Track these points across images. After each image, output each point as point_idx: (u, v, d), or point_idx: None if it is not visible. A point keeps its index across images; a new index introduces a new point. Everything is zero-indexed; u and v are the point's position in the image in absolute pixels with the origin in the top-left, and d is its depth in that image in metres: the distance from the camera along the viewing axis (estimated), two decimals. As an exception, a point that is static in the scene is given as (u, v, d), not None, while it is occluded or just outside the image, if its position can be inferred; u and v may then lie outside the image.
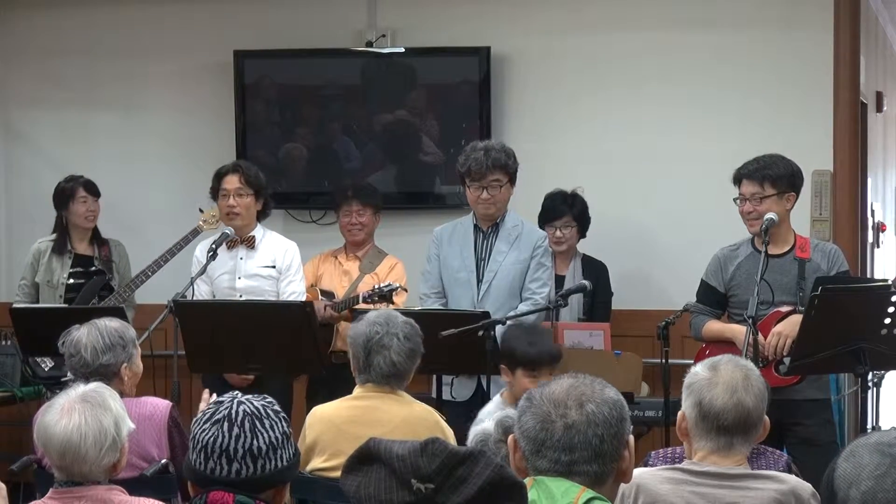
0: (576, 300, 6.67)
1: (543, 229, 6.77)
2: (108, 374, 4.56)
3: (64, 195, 7.10)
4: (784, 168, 5.79)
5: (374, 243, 7.03)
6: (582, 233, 7.00)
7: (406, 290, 6.60)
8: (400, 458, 2.30)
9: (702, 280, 5.98)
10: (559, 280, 6.80)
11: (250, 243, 6.56)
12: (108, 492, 3.56)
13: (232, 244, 6.53)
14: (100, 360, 4.57)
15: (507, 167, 6.14)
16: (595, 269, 6.95)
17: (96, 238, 7.15)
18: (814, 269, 5.72)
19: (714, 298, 5.89)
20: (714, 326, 5.86)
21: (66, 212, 7.08)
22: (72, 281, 7.02)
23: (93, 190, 7.13)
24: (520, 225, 6.24)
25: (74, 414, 3.54)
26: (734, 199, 5.84)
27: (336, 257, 7.01)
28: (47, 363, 6.83)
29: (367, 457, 2.36)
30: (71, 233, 7.10)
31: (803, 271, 5.71)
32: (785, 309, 5.66)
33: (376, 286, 6.52)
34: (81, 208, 7.07)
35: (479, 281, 6.16)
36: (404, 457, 2.30)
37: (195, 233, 6.90)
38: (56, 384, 6.70)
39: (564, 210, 6.91)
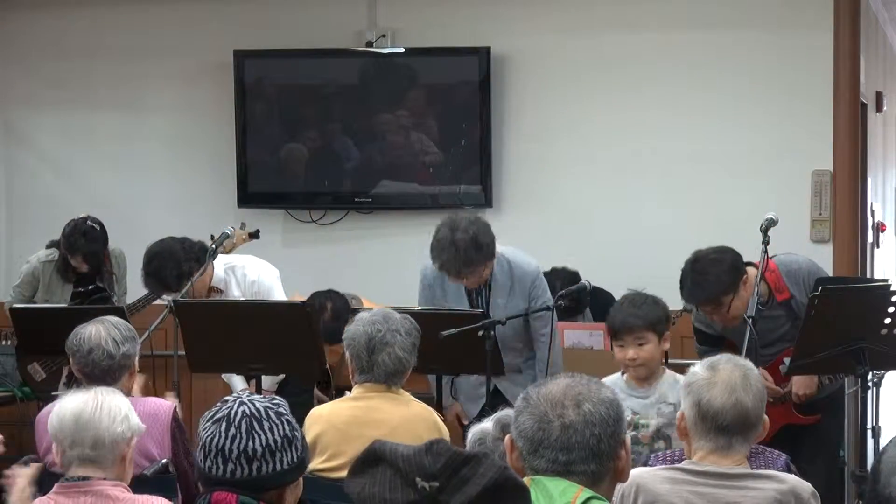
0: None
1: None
2: (126, 367, 4.63)
3: (65, 246, 6.98)
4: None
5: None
6: (580, 310, 6.75)
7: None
8: (405, 458, 2.31)
9: (694, 326, 5.78)
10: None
11: (217, 292, 6.37)
12: (113, 487, 3.62)
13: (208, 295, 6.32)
14: (121, 350, 4.61)
15: (479, 261, 5.69)
16: (604, 304, 6.78)
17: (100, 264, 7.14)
18: (798, 304, 5.51)
19: (713, 339, 5.69)
20: None
21: (66, 254, 7.03)
22: (74, 302, 7.02)
23: (91, 260, 6.97)
24: (508, 273, 5.92)
25: (89, 394, 3.68)
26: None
27: None
28: (41, 373, 6.84)
29: (373, 459, 2.36)
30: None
31: (793, 313, 5.54)
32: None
33: None
34: (73, 264, 7.01)
35: None
36: (409, 457, 2.31)
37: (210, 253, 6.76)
38: (48, 398, 6.73)
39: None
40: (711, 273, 5.39)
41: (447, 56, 7.67)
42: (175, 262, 6.05)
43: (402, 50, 7.76)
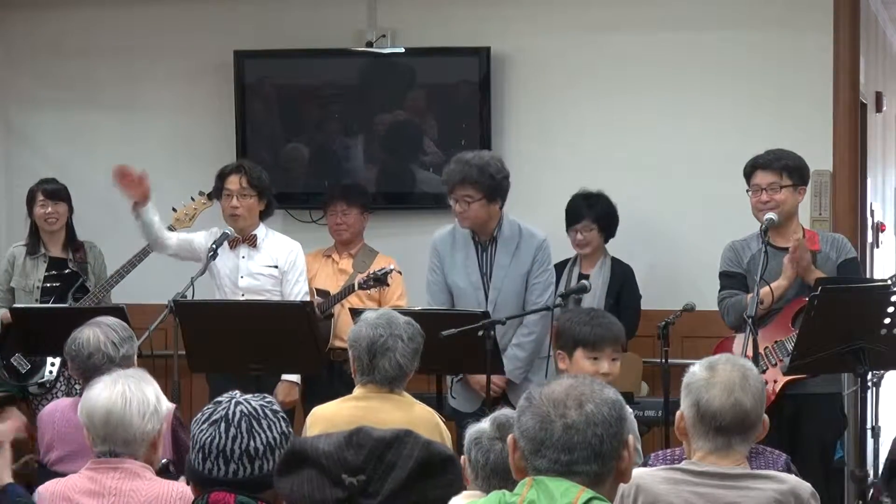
0: (596, 302, 6.57)
1: (569, 233, 6.74)
2: (127, 367, 4.63)
3: (28, 198, 7.14)
4: (797, 161, 5.91)
5: (364, 242, 7.06)
6: (607, 233, 6.85)
7: (400, 273, 6.64)
8: (326, 455, 2.30)
9: (721, 273, 5.96)
10: (583, 279, 6.70)
11: (252, 242, 6.59)
12: (142, 469, 3.74)
13: (234, 243, 6.58)
14: (121, 352, 4.66)
15: (477, 183, 5.93)
16: (621, 274, 6.84)
17: (71, 241, 7.15)
18: (824, 259, 5.76)
19: (740, 282, 5.88)
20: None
21: (32, 215, 7.12)
22: (47, 284, 7.02)
23: (53, 194, 7.07)
24: (517, 233, 6.11)
25: (118, 384, 3.78)
26: (746, 191, 5.84)
27: (329, 256, 7.03)
28: (24, 364, 6.84)
29: (296, 458, 2.35)
30: (43, 236, 7.10)
31: (815, 262, 5.73)
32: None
33: (371, 272, 6.50)
34: (40, 212, 7.06)
35: (487, 296, 6.09)
36: (330, 453, 2.30)
37: (169, 230, 6.93)
38: (37, 385, 6.75)
39: (584, 213, 6.80)
40: (792, 154, 5.93)
41: (447, 56, 7.67)
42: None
43: (402, 50, 7.76)
